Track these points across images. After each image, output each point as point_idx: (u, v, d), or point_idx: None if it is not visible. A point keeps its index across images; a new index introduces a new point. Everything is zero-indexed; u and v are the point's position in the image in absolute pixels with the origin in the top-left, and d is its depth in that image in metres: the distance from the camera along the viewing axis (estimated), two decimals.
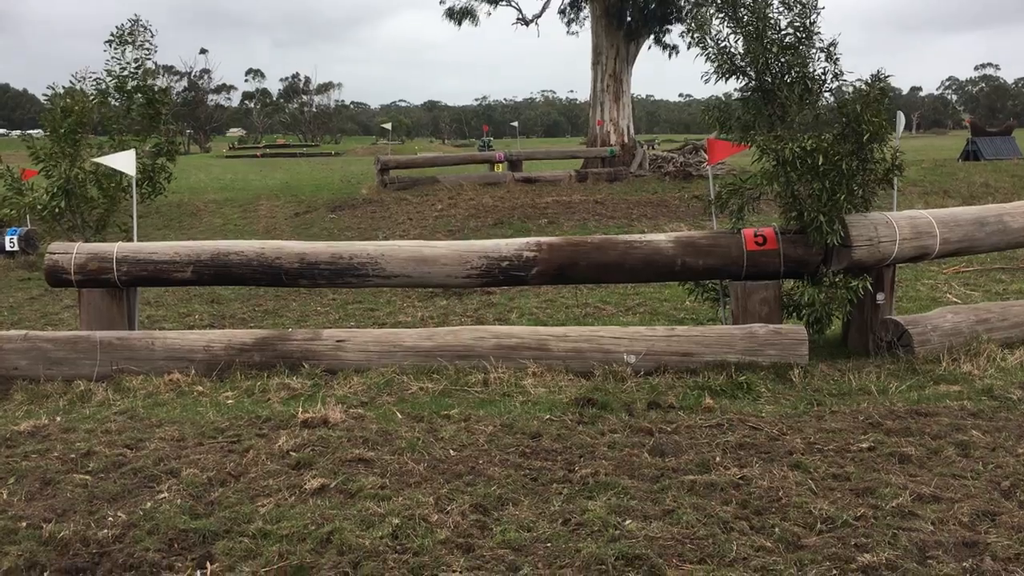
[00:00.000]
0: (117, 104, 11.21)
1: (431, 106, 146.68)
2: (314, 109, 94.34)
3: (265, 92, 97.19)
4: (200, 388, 6.30)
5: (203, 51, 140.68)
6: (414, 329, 6.83)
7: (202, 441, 5.33)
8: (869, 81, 6.71)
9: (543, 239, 7.04)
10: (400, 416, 5.73)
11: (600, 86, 27.35)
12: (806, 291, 6.75)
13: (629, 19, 26.69)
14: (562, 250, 6.94)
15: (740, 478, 4.62)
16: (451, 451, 5.12)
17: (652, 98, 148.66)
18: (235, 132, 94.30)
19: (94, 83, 11.07)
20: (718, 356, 6.51)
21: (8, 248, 13.50)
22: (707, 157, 29.61)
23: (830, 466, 4.79)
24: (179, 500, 4.42)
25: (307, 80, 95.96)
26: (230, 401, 6.11)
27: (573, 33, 30.43)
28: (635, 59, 27.92)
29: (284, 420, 5.65)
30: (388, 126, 34.13)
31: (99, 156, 8.87)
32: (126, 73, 11.05)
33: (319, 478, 4.68)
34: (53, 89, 11.19)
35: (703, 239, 7.08)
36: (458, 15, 28.75)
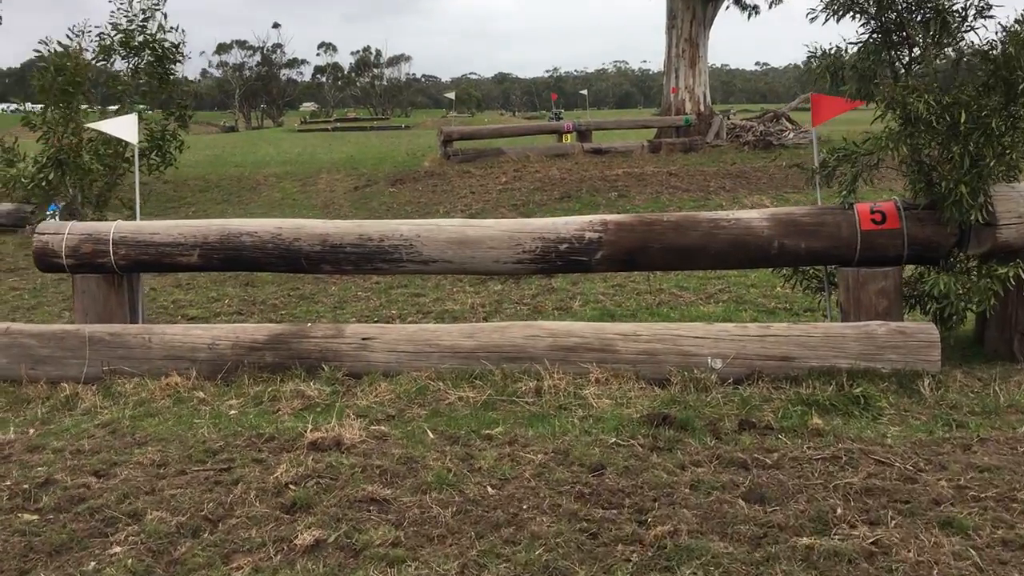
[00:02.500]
0: (125, 62, 10.11)
1: (502, 78, 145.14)
2: (385, 82, 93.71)
3: (336, 66, 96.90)
4: (201, 394, 5.29)
5: (276, 25, 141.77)
6: (454, 325, 5.71)
7: (185, 468, 4.31)
8: (1022, 18, 5.28)
9: (609, 217, 5.82)
10: (431, 436, 4.62)
11: (675, 51, 25.72)
12: (939, 280, 5.38)
13: None
14: (632, 231, 5.72)
15: (873, 543, 3.38)
16: (489, 488, 4.00)
17: (728, 67, 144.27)
18: (308, 106, 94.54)
19: (96, 39, 9.98)
20: (825, 361, 5.24)
21: None
22: (792, 126, 27.36)
23: (995, 525, 3.52)
24: (131, 559, 3.40)
25: (378, 53, 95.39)
26: (232, 411, 5.08)
27: None
28: (712, 22, 26.19)
29: (290, 439, 4.60)
30: (451, 95, 32.73)
31: (95, 121, 7.75)
32: (133, 27, 9.89)
33: (316, 528, 3.61)
34: (47, 44, 10.07)
35: (806, 217, 5.76)
36: None
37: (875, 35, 5.58)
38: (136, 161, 6.13)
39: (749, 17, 26.03)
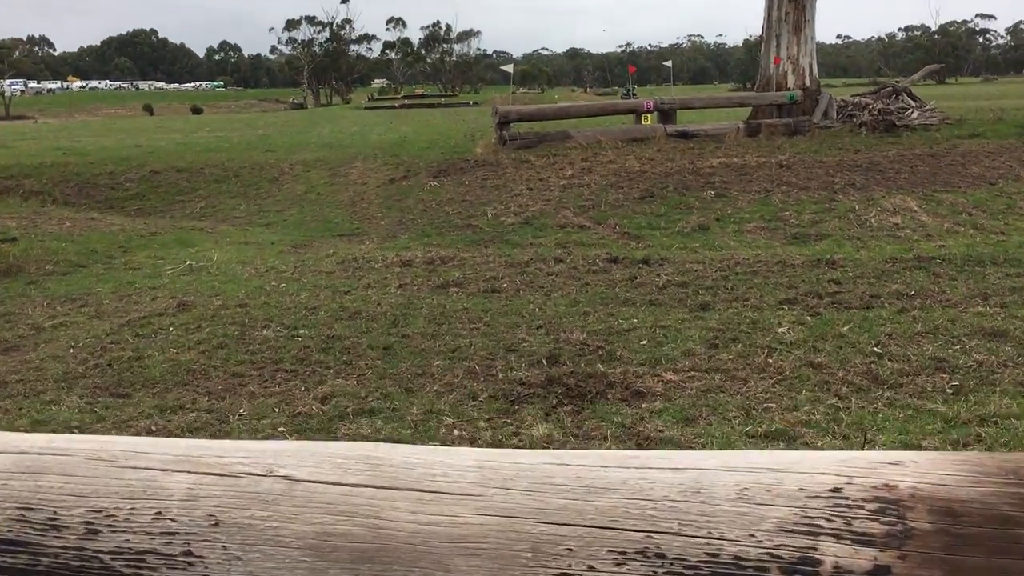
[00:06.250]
0: None
1: (573, 54, 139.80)
2: (454, 58, 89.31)
3: (406, 42, 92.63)
4: None
5: (344, 0, 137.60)
6: None
7: None
8: None
9: (911, 469, 1.39)
10: None
11: (776, 14, 20.93)
12: None
13: None
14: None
15: None
16: None
17: None
18: (378, 83, 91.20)
19: None
20: None
21: None
22: (915, 103, 21.68)
23: None
24: None
25: (448, 28, 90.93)
26: None
27: None
28: None
29: None
30: (509, 68, 27.58)
31: None
32: None
33: None
34: None
35: None
36: None
37: None
38: None
39: None
